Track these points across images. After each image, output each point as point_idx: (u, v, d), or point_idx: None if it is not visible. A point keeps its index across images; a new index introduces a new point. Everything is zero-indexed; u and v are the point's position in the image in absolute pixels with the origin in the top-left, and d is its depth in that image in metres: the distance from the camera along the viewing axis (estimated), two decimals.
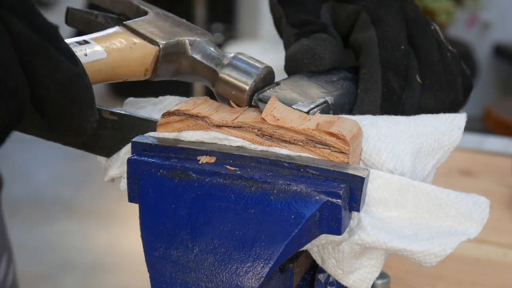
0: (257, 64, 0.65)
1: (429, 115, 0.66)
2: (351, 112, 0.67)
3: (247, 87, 0.64)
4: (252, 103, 0.64)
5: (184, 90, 0.75)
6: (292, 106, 0.62)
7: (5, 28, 0.51)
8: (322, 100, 0.64)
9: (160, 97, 0.71)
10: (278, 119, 0.60)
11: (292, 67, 0.69)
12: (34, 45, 0.52)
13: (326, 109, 0.64)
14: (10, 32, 0.51)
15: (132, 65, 0.63)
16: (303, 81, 0.66)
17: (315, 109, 0.63)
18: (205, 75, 0.66)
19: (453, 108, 0.69)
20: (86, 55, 0.59)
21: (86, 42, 0.61)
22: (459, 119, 0.66)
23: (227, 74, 0.65)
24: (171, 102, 0.70)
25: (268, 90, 0.64)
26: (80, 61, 0.55)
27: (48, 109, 0.54)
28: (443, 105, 0.68)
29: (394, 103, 0.66)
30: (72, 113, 0.54)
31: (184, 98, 0.70)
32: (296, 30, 0.69)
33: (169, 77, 0.67)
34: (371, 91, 0.66)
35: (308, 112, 0.62)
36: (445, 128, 0.65)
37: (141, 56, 0.63)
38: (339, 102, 0.65)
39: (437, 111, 0.67)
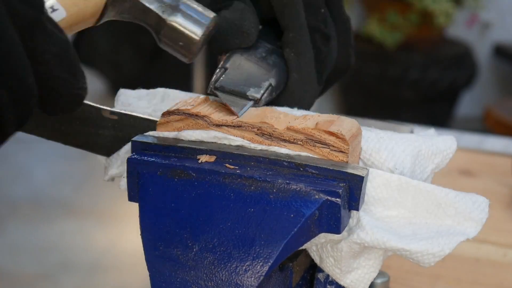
0: (206, 13, 0.62)
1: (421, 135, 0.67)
2: (285, 85, 0.67)
3: (197, 39, 0.61)
4: (207, 91, 0.65)
5: (184, 88, 0.75)
6: (247, 94, 0.63)
7: (4, 7, 0.48)
8: (267, 83, 0.65)
9: (151, 90, 0.71)
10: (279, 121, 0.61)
11: (219, 45, 0.66)
12: (33, 21, 0.50)
13: (271, 91, 0.65)
14: (9, 11, 0.49)
15: (87, 18, 0.60)
16: (242, 62, 0.66)
17: (265, 94, 0.64)
18: (148, 21, 0.62)
19: (350, 64, 0.71)
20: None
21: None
22: (450, 137, 0.67)
23: (175, 22, 0.60)
24: (162, 95, 0.70)
25: (221, 78, 0.64)
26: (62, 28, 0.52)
27: (50, 86, 0.52)
28: (349, 60, 0.71)
29: (322, 61, 0.67)
30: (71, 83, 0.52)
31: (175, 91, 0.70)
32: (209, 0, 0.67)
33: (111, 18, 0.62)
34: (304, 54, 0.66)
35: (260, 98, 0.64)
36: (441, 138, 0.66)
37: (94, 6, 0.59)
38: (278, 81, 0.66)
39: (347, 66, 0.70)
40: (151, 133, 0.64)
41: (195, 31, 0.60)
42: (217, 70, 0.65)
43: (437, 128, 1.51)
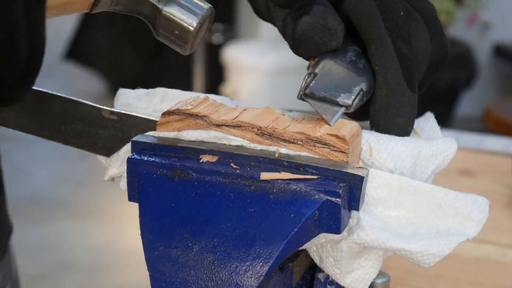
0: (201, 3, 0.61)
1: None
2: (373, 92, 0.65)
3: (191, 28, 0.60)
4: (297, 98, 0.63)
5: (184, 88, 0.75)
6: (338, 100, 0.62)
7: None
8: (358, 88, 0.64)
9: (151, 89, 0.71)
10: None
11: (305, 48, 0.65)
12: (36, 3, 0.49)
13: (362, 96, 0.64)
14: None
15: (79, 2, 0.57)
16: (332, 66, 0.65)
17: (356, 100, 0.63)
18: (144, 11, 0.61)
19: (441, 63, 0.70)
20: None
21: None
22: (450, 139, 0.67)
23: (170, 12, 0.60)
24: (162, 95, 0.70)
25: (311, 84, 0.63)
26: None
27: (34, 71, 0.50)
28: (446, 49, 0.69)
29: (410, 67, 0.65)
30: (38, 68, 0.51)
31: (175, 90, 0.70)
32: (287, 10, 0.66)
33: (106, 8, 0.62)
34: (389, 65, 0.64)
35: (352, 104, 0.62)
36: (441, 139, 0.66)
37: None
38: (369, 85, 0.65)
39: (443, 56, 0.68)
40: (151, 133, 0.64)
41: (190, 21, 0.60)
42: (306, 76, 0.64)
43: None
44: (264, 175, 0.58)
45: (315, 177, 0.58)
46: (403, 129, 0.65)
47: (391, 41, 0.65)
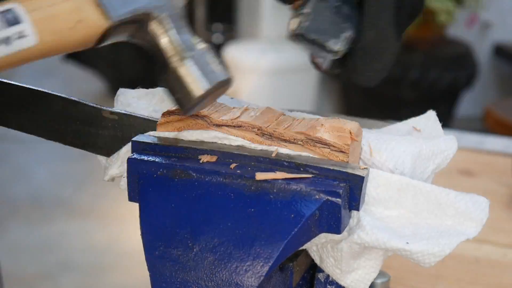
0: (219, 71, 0.56)
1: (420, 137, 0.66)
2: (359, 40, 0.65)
3: (194, 96, 0.55)
4: (288, 37, 0.63)
5: None
6: (327, 44, 0.62)
7: None
8: (345, 35, 0.64)
9: (151, 89, 0.71)
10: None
11: None
12: None
13: (347, 43, 0.64)
14: None
15: (76, 45, 0.52)
16: (320, 8, 0.65)
17: (342, 47, 0.63)
18: (157, 58, 0.57)
19: (423, 3, 0.68)
20: (7, 43, 0.46)
21: (15, 20, 0.46)
22: (451, 137, 0.67)
23: (180, 72, 0.55)
24: (162, 95, 0.70)
25: (306, 23, 0.63)
26: None
27: None
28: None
29: (403, 17, 0.64)
30: None
31: None
32: None
33: (114, 41, 0.56)
34: (384, 11, 0.64)
35: (338, 50, 0.63)
36: (441, 139, 0.66)
37: (84, 36, 0.52)
38: (353, 33, 0.65)
39: (419, 6, 0.67)
40: (151, 133, 0.64)
41: (196, 88, 0.55)
42: (297, 13, 0.63)
43: None
44: (260, 176, 0.58)
45: (310, 175, 0.58)
46: (378, 74, 0.65)
47: None
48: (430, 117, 0.70)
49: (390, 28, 0.64)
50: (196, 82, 0.55)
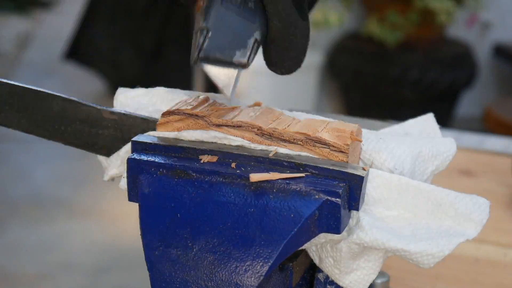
0: None
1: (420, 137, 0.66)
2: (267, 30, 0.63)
3: None
4: (191, 63, 0.60)
5: (184, 88, 0.75)
6: (233, 60, 0.60)
7: None
8: (252, 40, 0.61)
9: (150, 89, 0.71)
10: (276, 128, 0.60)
11: None
12: None
13: (257, 48, 0.62)
14: None
15: None
16: (223, 13, 0.61)
17: (251, 55, 0.61)
18: None
19: None
20: None
21: None
22: (450, 140, 0.67)
23: None
24: (162, 95, 0.70)
25: (205, 44, 0.60)
26: None
27: None
28: None
29: None
30: None
31: (175, 90, 0.70)
32: None
33: None
34: None
35: (247, 62, 0.60)
36: (441, 140, 0.66)
37: None
38: (262, 32, 0.62)
39: None
40: (151, 133, 0.64)
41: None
42: (198, 32, 0.60)
43: None
44: (254, 177, 0.57)
45: (303, 174, 0.58)
46: (296, 61, 0.63)
47: None
48: (428, 119, 0.70)
49: (293, 13, 0.62)
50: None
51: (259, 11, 0.62)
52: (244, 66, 0.60)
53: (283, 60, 0.63)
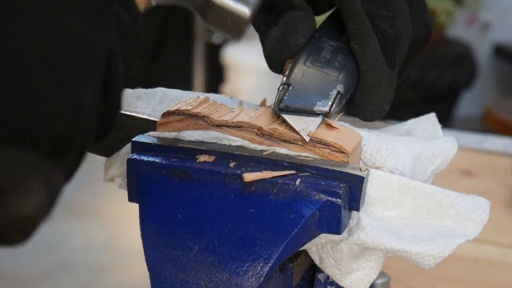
0: None
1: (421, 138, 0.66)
2: (357, 80, 0.65)
3: (246, 16, 0.59)
4: (272, 113, 0.62)
5: (184, 88, 0.75)
6: (314, 109, 0.61)
7: (117, 21, 0.47)
8: (335, 92, 0.63)
9: (150, 89, 0.71)
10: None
11: (273, 65, 0.67)
12: (134, 33, 0.49)
13: (340, 99, 0.63)
14: (120, 25, 0.48)
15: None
16: (305, 71, 0.64)
17: (333, 105, 0.62)
18: (194, 3, 0.61)
19: (426, 39, 0.68)
20: None
21: None
22: (451, 139, 0.66)
23: (223, 2, 0.59)
24: (161, 95, 0.70)
25: (285, 97, 0.62)
26: None
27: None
28: (428, 27, 0.68)
29: (390, 44, 0.64)
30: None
31: (174, 90, 0.70)
32: (264, 15, 0.66)
33: (156, 2, 0.61)
34: (366, 42, 0.64)
35: (329, 111, 0.61)
36: (441, 140, 0.66)
37: None
38: (347, 85, 0.64)
39: (426, 34, 0.67)
40: (151, 133, 0.64)
41: (243, 9, 0.59)
42: (280, 87, 0.63)
43: None
44: (247, 177, 0.57)
45: (293, 171, 0.58)
46: (379, 107, 0.65)
47: (368, 19, 0.64)
48: (430, 118, 0.70)
49: (379, 59, 0.64)
50: (241, 3, 0.59)
51: (344, 69, 0.64)
52: (325, 114, 0.61)
53: (365, 104, 0.65)
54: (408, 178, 0.61)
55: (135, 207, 0.61)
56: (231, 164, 0.59)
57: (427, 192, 0.60)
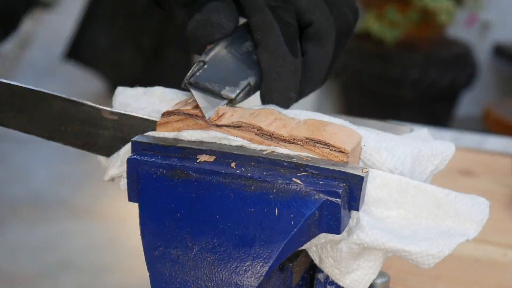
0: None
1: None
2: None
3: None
4: (182, 86, 0.63)
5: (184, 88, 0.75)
6: (222, 93, 0.62)
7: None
8: (245, 82, 0.64)
9: (149, 88, 0.71)
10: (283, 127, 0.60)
11: (196, 45, 0.67)
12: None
13: (248, 91, 0.64)
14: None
15: None
16: (224, 55, 0.65)
17: (241, 94, 0.63)
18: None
19: (349, 31, 0.70)
20: None
21: None
22: (448, 142, 0.67)
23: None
24: (160, 95, 0.70)
25: (197, 73, 0.63)
26: None
27: None
28: (349, 19, 0.69)
29: (293, 34, 0.66)
30: None
31: (173, 90, 0.70)
32: (186, 9, 0.68)
33: None
34: (269, 31, 0.65)
35: (235, 98, 0.63)
36: (439, 141, 0.66)
37: None
38: (258, 80, 0.65)
39: (349, 25, 0.69)
40: (151, 133, 0.64)
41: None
42: (195, 64, 0.64)
43: (437, 128, 1.51)
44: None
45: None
46: (284, 94, 0.66)
47: (270, 12, 0.66)
48: (422, 133, 0.70)
49: (282, 46, 0.65)
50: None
51: (259, 65, 0.66)
52: (231, 101, 0.63)
53: (271, 91, 0.66)
54: (408, 177, 0.61)
55: (135, 207, 0.61)
56: (232, 164, 0.59)
57: (427, 191, 0.61)
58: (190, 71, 0.63)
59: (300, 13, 0.67)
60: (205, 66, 0.64)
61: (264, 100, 0.66)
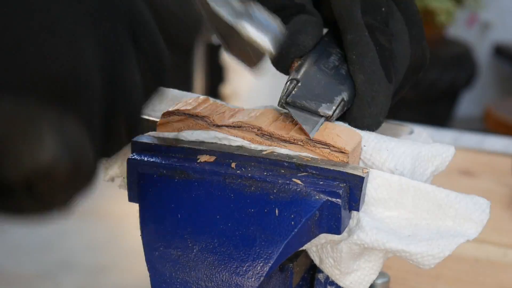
0: (273, 21, 0.59)
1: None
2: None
3: (267, 47, 0.58)
4: (278, 105, 0.63)
5: (184, 89, 0.75)
6: (319, 110, 0.62)
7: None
8: (339, 98, 0.63)
9: None
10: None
11: (280, 62, 0.67)
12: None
13: (343, 106, 0.64)
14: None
15: None
16: (314, 72, 0.65)
17: (337, 111, 0.63)
18: (218, 27, 0.62)
19: (421, 67, 0.69)
20: None
21: None
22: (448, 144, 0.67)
23: (245, 29, 0.58)
24: (160, 95, 0.70)
25: (293, 92, 0.63)
26: None
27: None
28: (425, 54, 0.69)
29: (388, 58, 0.65)
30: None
31: (174, 90, 0.70)
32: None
33: None
34: (365, 53, 0.64)
35: (332, 115, 0.62)
36: (439, 143, 0.66)
37: None
38: (350, 95, 0.65)
39: (423, 60, 0.68)
40: (151, 133, 0.64)
41: (265, 41, 0.58)
42: (288, 82, 0.64)
43: (437, 128, 1.51)
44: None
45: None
46: (375, 119, 0.65)
47: (367, 31, 0.65)
48: (421, 135, 0.70)
49: (378, 70, 0.64)
50: (263, 33, 0.58)
51: (349, 79, 0.65)
52: (328, 118, 0.62)
53: (363, 115, 0.65)
54: (408, 177, 0.61)
55: (135, 207, 0.61)
56: (232, 165, 0.59)
57: (427, 192, 0.61)
58: (284, 90, 0.63)
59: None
60: (299, 84, 0.63)
61: (354, 123, 0.65)
